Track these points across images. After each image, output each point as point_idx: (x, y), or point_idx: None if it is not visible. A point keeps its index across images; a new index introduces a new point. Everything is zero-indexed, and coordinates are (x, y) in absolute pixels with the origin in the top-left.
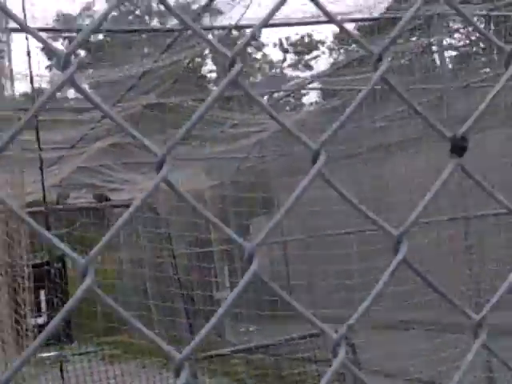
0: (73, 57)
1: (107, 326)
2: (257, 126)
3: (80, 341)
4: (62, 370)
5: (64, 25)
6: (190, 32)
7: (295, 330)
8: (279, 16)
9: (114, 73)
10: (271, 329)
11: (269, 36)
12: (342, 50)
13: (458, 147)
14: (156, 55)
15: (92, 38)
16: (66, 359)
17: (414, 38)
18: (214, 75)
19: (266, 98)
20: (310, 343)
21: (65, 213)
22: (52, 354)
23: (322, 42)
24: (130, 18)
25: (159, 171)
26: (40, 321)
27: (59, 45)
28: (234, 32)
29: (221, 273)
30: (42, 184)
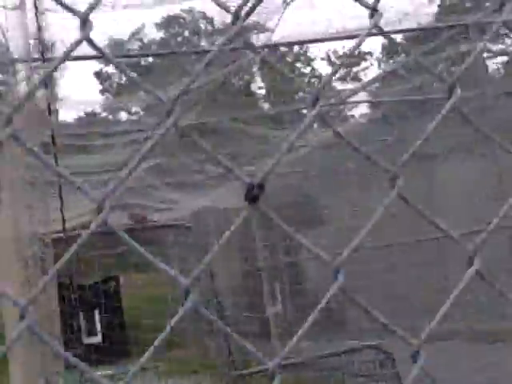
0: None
1: (164, 341)
2: (299, 141)
3: (137, 356)
4: None
5: (114, 49)
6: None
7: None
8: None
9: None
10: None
11: (315, 51)
12: (390, 61)
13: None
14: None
15: (143, 61)
16: (120, 377)
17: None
18: (263, 92)
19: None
20: (365, 356)
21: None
22: (107, 372)
23: (370, 54)
24: (179, 39)
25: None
26: (94, 340)
27: (110, 69)
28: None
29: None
30: (61, 211)
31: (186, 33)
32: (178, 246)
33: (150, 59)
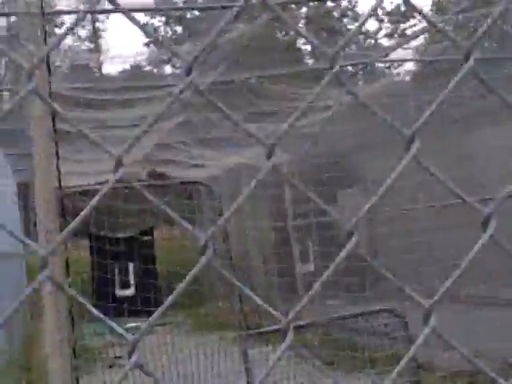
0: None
1: (191, 299)
2: (328, 100)
3: (167, 311)
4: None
5: (162, 2)
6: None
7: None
8: None
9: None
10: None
11: (364, 6)
12: (440, 19)
13: None
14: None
15: (189, 15)
16: (151, 330)
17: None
18: (309, 48)
19: (360, 67)
20: (381, 319)
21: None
22: (137, 324)
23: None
24: None
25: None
26: (128, 292)
27: (156, 21)
28: (329, 3)
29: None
30: (57, 167)
31: None
32: (201, 205)
33: (197, 12)
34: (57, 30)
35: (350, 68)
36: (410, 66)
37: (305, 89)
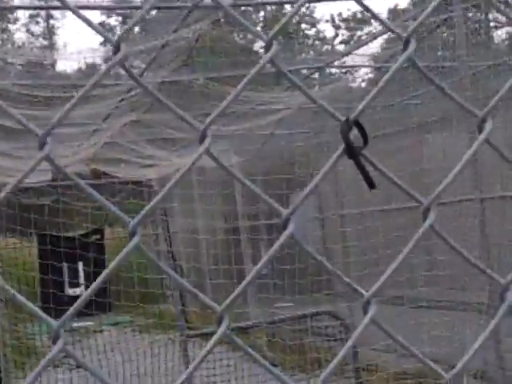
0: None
1: (143, 295)
2: (282, 103)
3: (116, 310)
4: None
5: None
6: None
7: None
8: None
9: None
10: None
11: (323, 12)
12: (396, 25)
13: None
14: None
15: (147, 15)
16: (99, 329)
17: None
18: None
19: (317, 74)
20: (324, 321)
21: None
22: (86, 323)
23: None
24: None
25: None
26: (78, 291)
27: (113, 21)
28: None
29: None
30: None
31: None
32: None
33: (154, 13)
34: (10, 26)
35: (304, 71)
36: (366, 71)
37: (253, 91)
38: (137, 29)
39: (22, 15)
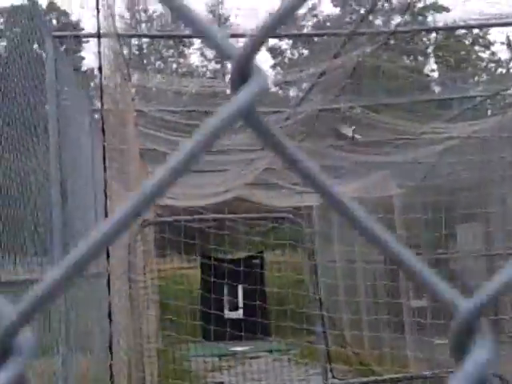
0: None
1: (300, 326)
2: (445, 133)
3: (275, 336)
4: None
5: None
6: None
7: None
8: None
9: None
10: None
11: (496, 34)
12: None
13: None
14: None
15: (316, 38)
16: (256, 355)
17: None
18: (435, 75)
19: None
20: None
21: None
22: (243, 348)
23: None
24: (353, 17)
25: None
26: (236, 314)
27: (284, 44)
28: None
29: None
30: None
31: (362, 10)
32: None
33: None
34: (186, 50)
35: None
36: None
37: (413, 121)
38: (306, 52)
39: (196, 40)
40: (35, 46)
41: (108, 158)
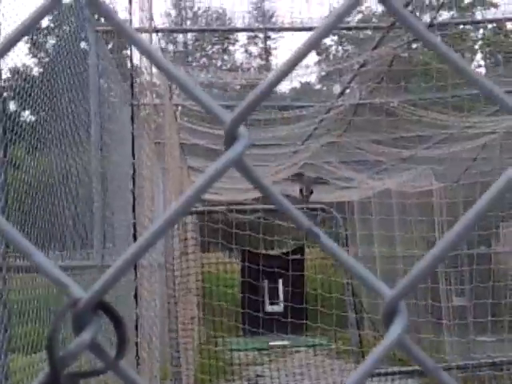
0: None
1: (339, 319)
2: (487, 127)
3: (313, 332)
4: None
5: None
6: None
7: None
8: None
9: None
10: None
11: None
12: None
13: None
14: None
15: (361, 35)
16: (296, 350)
17: None
18: (482, 70)
19: None
20: None
21: None
22: (283, 342)
23: None
24: None
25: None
26: (276, 308)
27: (329, 40)
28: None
29: None
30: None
31: (410, 7)
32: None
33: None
34: (231, 47)
35: None
36: None
37: (455, 116)
38: (350, 48)
39: (241, 36)
40: (82, 43)
41: (147, 152)
